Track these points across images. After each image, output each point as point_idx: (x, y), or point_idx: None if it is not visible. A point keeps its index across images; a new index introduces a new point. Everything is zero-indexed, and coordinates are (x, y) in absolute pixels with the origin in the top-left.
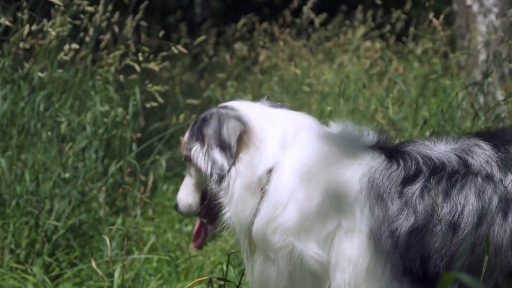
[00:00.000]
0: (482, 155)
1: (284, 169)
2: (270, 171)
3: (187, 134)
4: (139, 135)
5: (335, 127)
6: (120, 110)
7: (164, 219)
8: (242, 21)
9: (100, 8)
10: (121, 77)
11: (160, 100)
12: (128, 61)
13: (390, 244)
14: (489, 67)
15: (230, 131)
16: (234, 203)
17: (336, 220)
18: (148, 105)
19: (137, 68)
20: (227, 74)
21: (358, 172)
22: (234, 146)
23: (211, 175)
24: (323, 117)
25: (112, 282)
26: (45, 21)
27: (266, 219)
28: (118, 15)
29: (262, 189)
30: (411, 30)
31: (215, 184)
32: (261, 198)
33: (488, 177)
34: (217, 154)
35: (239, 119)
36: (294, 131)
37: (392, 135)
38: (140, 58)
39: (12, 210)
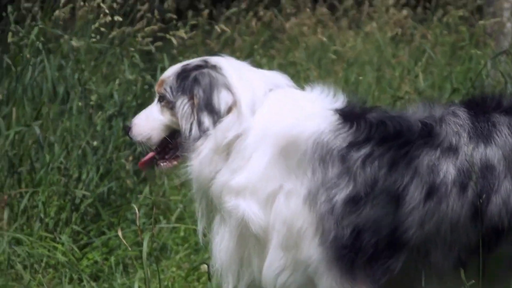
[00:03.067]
0: (453, 124)
1: (248, 135)
2: (238, 136)
3: (170, 76)
4: None
5: (306, 89)
6: (148, 77)
7: (191, 188)
8: None
9: None
10: (150, 46)
11: None
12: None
13: (325, 209)
14: None
15: (221, 100)
16: (199, 160)
17: (279, 181)
18: None
19: (174, 41)
20: (254, 41)
21: (307, 132)
22: (223, 114)
23: (192, 132)
24: (348, 85)
25: (140, 251)
26: None
27: (223, 180)
28: None
29: (226, 153)
30: None
31: (192, 140)
32: (224, 161)
33: (451, 148)
34: (205, 117)
35: (230, 89)
36: (264, 94)
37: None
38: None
39: (41, 179)
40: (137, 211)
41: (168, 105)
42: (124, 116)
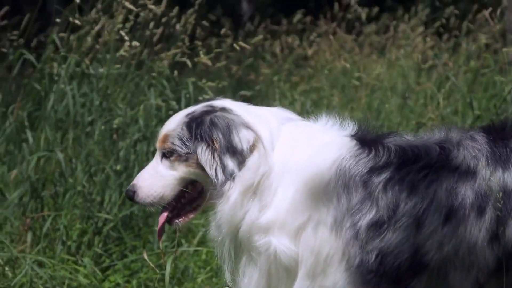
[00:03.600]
0: (471, 148)
1: (271, 171)
2: (265, 174)
3: (175, 129)
4: None
5: (314, 119)
6: (173, 103)
7: (213, 211)
8: (297, 16)
9: (163, 4)
10: (175, 72)
11: (211, 94)
12: (179, 57)
13: (351, 235)
14: None
15: (242, 139)
16: (230, 205)
17: (307, 213)
18: (200, 98)
19: (189, 64)
20: (277, 68)
21: (329, 160)
22: (247, 153)
23: (217, 177)
24: (371, 111)
25: (162, 274)
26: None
27: (252, 220)
28: (177, 10)
29: (254, 193)
30: (465, 24)
31: (219, 186)
32: (252, 201)
33: (469, 172)
34: (229, 160)
35: (249, 127)
36: (278, 128)
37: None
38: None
39: (64, 202)
40: None
41: (181, 158)
42: (148, 140)
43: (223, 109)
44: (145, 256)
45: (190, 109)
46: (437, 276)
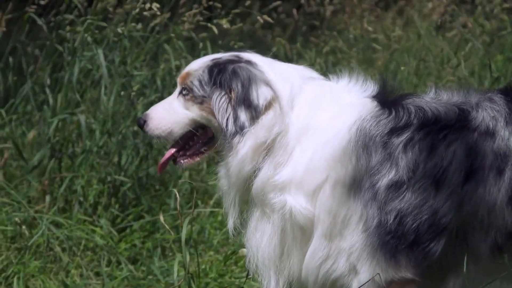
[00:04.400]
0: (489, 109)
1: (289, 130)
2: (280, 132)
3: (197, 70)
4: None
5: (337, 79)
6: None
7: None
8: None
9: None
10: (192, 33)
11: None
12: (196, 20)
13: (369, 196)
14: None
15: (260, 95)
16: (239, 159)
17: (325, 172)
18: None
19: (214, 28)
20: (294, 29)
21: (349, 121)
22: (261, 110)
23: (228, 127)
24: (387, 73)
25: (178, 235)
26: None
27: (266, 177)
28: None
29: (267, 149)
30: None
31: (228, 136)
32: (264, 157)
33: (488, 133)
34: (242, 113)
35: (269, 85)
36: (300, 88)
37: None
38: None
39: (81, 164)
40: (177, 195)
41: (196, 99)
42: None
43: (248, 62)
44: (161, 219)
45: (218, 55)
46: (455, 238)
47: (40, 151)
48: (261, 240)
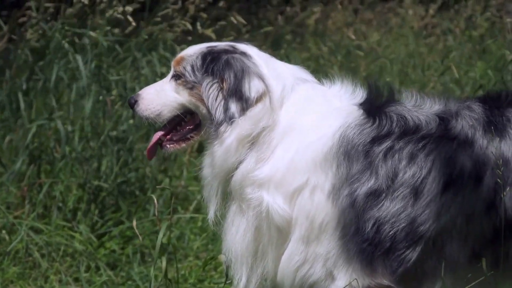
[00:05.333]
0: (468, 118)
1: (275, 127)
2: (266, 127)
3: (192, 55)
4: None
5: (328, 83)
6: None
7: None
8: None
9: None
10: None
11: None
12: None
13: (347, 203)
14: None
15: (252, 88)
16: (224, 148)
17: (305, 176)
18: None
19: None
20: (278, 36)
21: (334, 126)
22: (252, 103)
23: (216, 116)
24: (369, 78)
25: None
26: None
27: (246, 171)
28: None
29: (252, 143)
30: None
31: (215, 126)
32: (248, 150)
33: (467, 142)
34: (233, 104)
35: (262, 79)
36: (292, 87)
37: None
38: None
39: (61, 169)
40: (155, 201)
41: (187, 84)
42: None
43: (243, 53)
44: (134, 225)
45: (214, 43)
46: (433, 247)
47: (18, 157)
48: (235, 234)
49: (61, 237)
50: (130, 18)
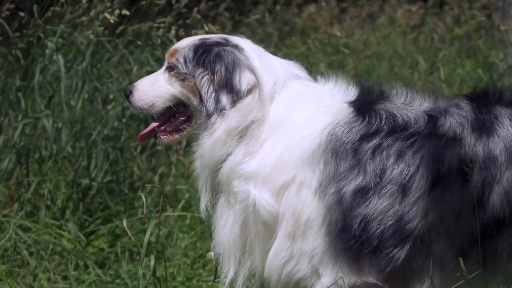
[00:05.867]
0: (457, 116)
1: (264, 121)
2: (256, 121)
3: (185, 47)
4: None
5: (321, 80)
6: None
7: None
8: None
9: None
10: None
11: None
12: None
13: (334, 201)
14: None
15: (243, 81)
16: (213, 140)
17: (292, 172)
18: None
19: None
20: (266, 34)
21: (323, 124)
22: (243, 96)
23: (206, 108)
24: (357, 76)
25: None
26: None
27: (234, 163)
28: None
29: (240, 136)
30: None
31: (205, 117)
32: (236, 143)
33: (455, 139)
34: (224, 96)
35: (253, 72)
36: (283, 82)
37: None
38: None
39: (49, 168)
40: (144, 199)
41: (179, 76)
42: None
43: (235, 46)
44: (124, 224)
45: (207, 36)
46: (420, 245)
47: (6, 155)
48: (223, 227)
49: (49, 236)
50: (115, 18)
